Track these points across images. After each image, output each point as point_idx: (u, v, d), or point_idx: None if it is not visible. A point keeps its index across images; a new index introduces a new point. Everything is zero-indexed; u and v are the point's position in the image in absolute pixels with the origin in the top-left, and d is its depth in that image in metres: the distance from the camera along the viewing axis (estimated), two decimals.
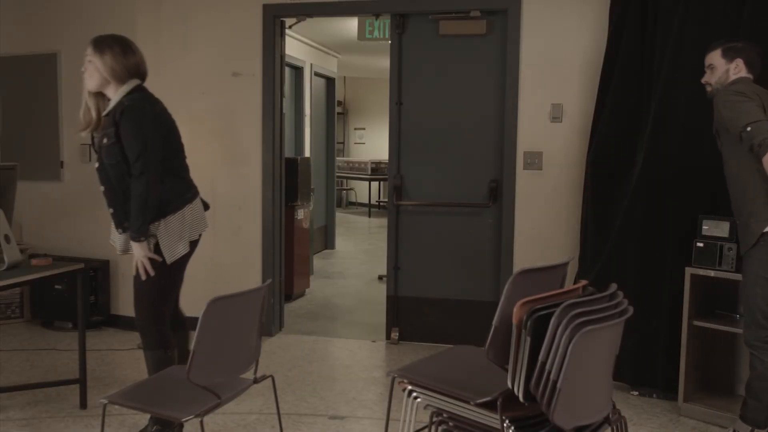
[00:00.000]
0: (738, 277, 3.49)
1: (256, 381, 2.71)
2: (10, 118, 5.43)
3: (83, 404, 3.65)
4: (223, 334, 2.48)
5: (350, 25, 7.13)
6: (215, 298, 2.39)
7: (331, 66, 9.01)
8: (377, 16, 5.19)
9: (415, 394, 2.57)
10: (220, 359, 2.51)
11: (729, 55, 3.28)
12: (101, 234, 4.49)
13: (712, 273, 3.54)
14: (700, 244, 3.58)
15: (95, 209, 5.05)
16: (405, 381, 2.59)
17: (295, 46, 7.35)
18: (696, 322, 3.63)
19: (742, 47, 3.31)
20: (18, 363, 4.38)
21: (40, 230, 5.34)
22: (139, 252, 3.06)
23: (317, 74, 8.40)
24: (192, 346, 2.38)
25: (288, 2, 4.90)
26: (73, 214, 5.27)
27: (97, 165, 3.12)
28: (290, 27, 5.44)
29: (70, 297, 4.93)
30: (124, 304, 5.14)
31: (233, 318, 2.51)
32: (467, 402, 2.34)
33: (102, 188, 3.13)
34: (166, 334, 3.16)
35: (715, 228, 3.55)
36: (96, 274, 5.09)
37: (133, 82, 3.09)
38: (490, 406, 2.27)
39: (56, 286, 5.06)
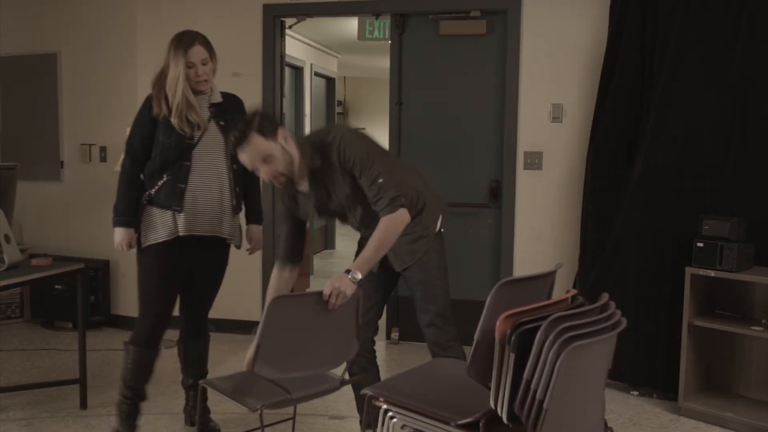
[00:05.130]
0: (738, 277, 3.49)
1: (342, 383, 2.71)
2: (10, 118, 5.43)
3: (83, 404, 3.64)
4: (292, 333, 2.50)
5: (350, 25, 7.12)
6: (278, 297, 2.48)
7: (331, 66, 9.01)
8: (377, 16, 5.19)
9: (391, 413, 2.36)
10: (291, 356, 2.52)
11: (270, 132, 2.58)
12: (101, 234, 4.51)
13: (712, 273, 3.54)
14: (700, 244, 3.58)
15: (95, 209, 5.07)
16: (381, 399, 2.38)
17: (295, 46, 7.35)
18: (696, 322, 3.62)
19: (264, 118, 2.59)
20: (18, 363, 4.38)
21: (40, 230, 5.33)
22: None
23: (317, 74, 8.39)
24: (255, 340, 2.38)
25: (288, 2, 4.90)
26: (73, 214, 5.27)
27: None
28: (290, 27, 5.43)
29: (70, 297, 4.93)
30: (124, 304, 5.14)
31: (301, 317, 2.51)
32: (447, 423, 2.16)
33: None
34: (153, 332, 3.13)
35: (715, 228, 3.55)
36: (96, 274, 5.09)
37: None
38: (472, 427, 2.10)
39: (56, 286, 5.06)
